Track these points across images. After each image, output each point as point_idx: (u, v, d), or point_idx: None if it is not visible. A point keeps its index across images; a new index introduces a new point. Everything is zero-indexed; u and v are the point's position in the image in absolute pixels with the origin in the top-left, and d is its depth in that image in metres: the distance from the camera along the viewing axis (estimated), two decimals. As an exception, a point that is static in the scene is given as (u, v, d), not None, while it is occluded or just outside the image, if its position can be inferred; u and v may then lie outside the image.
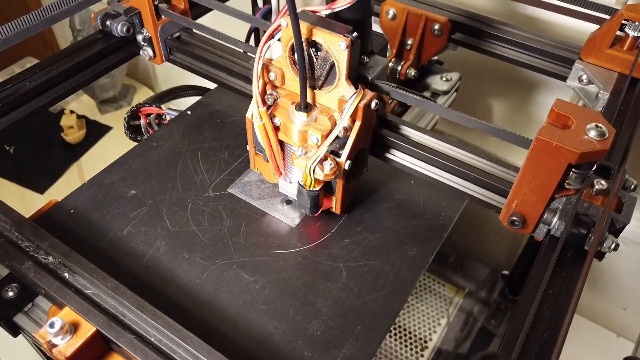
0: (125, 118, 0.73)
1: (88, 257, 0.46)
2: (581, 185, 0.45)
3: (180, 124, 0.70)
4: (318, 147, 0.50)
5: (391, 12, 0.77)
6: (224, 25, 0.67)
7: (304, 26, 0.46)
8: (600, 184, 0.49)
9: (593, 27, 0.67)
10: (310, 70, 0.49)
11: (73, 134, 1.58)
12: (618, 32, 0.64)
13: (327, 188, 0.56)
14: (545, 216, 0.48)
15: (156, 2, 0.65)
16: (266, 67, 0.51)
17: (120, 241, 0.56)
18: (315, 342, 0.49)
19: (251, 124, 0.54)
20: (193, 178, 0.63)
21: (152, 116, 0.73)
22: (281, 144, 0.54)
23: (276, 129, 0.53)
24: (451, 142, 0.54)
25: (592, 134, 0.40)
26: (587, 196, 0.49)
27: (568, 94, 0.94)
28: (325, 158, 0.50)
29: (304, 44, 0.46)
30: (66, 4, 0.61)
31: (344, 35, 0.45)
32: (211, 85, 0.81)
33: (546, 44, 0.71)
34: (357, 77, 0.50)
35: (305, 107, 0.50)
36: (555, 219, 0.48)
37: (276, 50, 0.50)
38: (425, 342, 1.04)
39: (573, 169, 0.43)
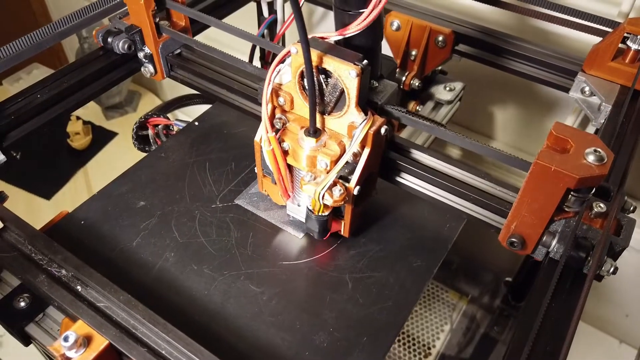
0: (133, 129, 0.74)
1: (98, 269, 0.47)
2: (580, 208, 0.45)
3: (187, 135, 0.71)
4: (327, 172, 0.50)
5: (395, 24, 0.78)
6: (227, 36, 0.68)
7: (314, 54, 0.46)
8: (599, 206, 0.48)
9: (595, 39, 0.68)
10: (320, 96, 0.49)
11: (79, 140, 1.60)
12: (620, 45, 0.65)
13: (336, 212, 0.56)
14: (544, 239, 0.48)
15: (157, 20, 0.65)
16: (275, 92, 0.51)
17: (130, 252, 0.57)
18: (321, 353, 0.50)
19: (260, 148, 0.54)
20: (201, 189, 0.64)
21: (160, 127, 0.74)
22: (289, 167, 0.54)
23: (285, 153, 0.53)
24: (453, 162, 0.54)
25: (591, 158, 0.40)
26: (586, 219, 0.49)
27: (570, 105, 0.95)
28: (334, 184, 0.49)
29: (314, 71, 0.46)
30: (75, 19, 0.62)
31: (354, 64, 0.45)
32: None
33: (549, 55, 0.72)
34: (366, 102, 0.50)
35: (315, 132, 0.50)
36: (554, 242, 0.48)
37: (285, 75, 0.50)
38: (429, 348, 1.04)
39: (572, 193, 0.43)
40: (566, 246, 0.46)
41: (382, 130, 0.50)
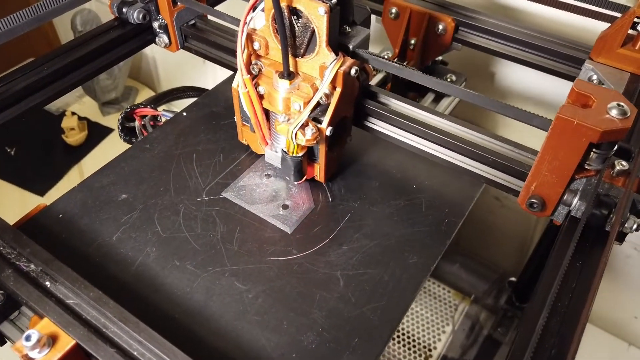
0: (119, 120, 0.71)
1: (74, 265, 0.45)
2: (602, 165, 0.44)
3: (175, 126, 0.68)
4: (301, 113, 0.52)
5: (394, 11, 0.75)
6: (241, 10, 0.66)
7: None
8: (621, 164, 0.48)
9: (603, 25, 0.65)
10: (292, 38, 0.51)
11: (74, 136, 1.57)
12: (630, 31, 0.61)
13: (311, 155, 0.57)
14: (565, 197, 0.47)
15: None
16: (250, 37, 0.52)
17: (108, 247, 0.54)
18: (309, 355, 0.46)
19: (237, 94, 0.55)
20: (186, 182, 0.61)
21: (147, 118, 0.71)
22: (266, 113, 0.56)
23: (261, 97, 0.54)
24: (464, 124, 0.55)
25: (614, 112, 0.40)
26: (608, 177, 0.48)
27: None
28: (307, 124, 0.51)
29: (284, 11, 0.48)
30: (52, 5, 0.59)
31: (323, 2, 0.47)
32: (210, 86, 0.79)
33: (555, 43, 0.69)
34: (338, 45, 0.52)
35: (288, 75, 0.52)
36: (575, 200, 0.47)
37: (260, 20, 0.52)
38: (430, 350, 1.01)
39: (594, 149, 0.43)
40: (588, 203, 0.46)
41: (353, 71, 0.51)
